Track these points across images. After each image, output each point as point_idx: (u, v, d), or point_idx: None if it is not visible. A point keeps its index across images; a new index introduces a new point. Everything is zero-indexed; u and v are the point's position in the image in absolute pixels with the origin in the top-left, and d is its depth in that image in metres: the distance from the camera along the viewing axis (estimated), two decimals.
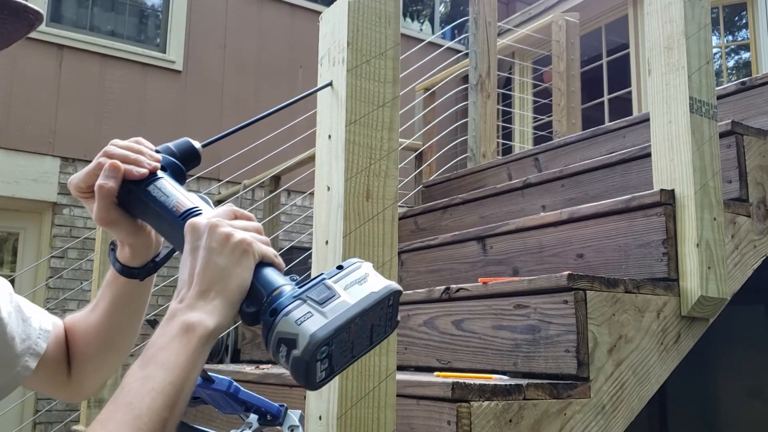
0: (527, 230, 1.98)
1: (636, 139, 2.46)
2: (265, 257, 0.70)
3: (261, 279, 0.68)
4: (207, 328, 0.64)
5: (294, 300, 0.64)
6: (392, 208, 1.19)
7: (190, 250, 0.69)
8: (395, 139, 1.22)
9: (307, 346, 0.60)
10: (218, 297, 0.66)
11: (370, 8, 1.21)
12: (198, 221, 0.70)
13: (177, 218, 0.74)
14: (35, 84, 5.14)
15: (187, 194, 0.78)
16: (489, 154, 3.56)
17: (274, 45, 6.16)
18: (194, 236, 0.69)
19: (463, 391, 1.24)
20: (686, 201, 1.58)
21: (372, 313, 0.65)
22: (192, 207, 0.75)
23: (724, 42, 5.83)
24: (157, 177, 0.79)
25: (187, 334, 0.64)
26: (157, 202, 0.77)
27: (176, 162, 0.84)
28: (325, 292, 0.64)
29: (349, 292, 0.65)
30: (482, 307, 1.61)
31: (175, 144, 0.86)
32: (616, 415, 1.44)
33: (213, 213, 0.73)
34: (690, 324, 1.61)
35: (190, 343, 0.63)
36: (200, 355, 0.64)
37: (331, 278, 0.66)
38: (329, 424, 1.10)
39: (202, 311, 0.65)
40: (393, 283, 0.67)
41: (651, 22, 1.72)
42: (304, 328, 0.61)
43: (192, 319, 0.64)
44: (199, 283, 0.66)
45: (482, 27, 3.68)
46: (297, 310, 0.63)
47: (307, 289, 0.65)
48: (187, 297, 0.66)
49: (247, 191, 5.01)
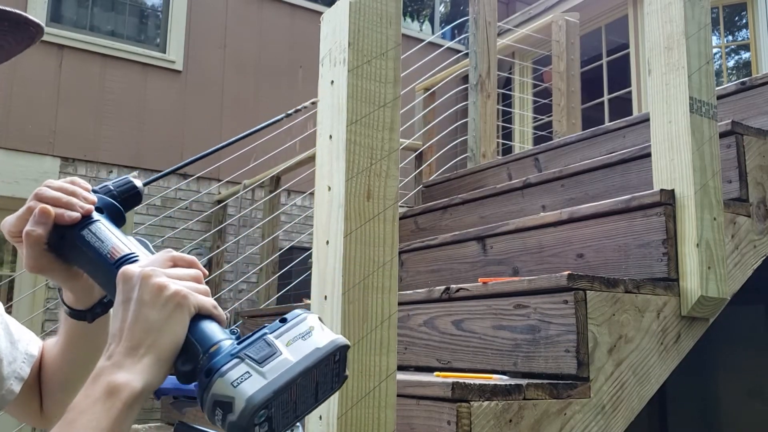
0: (527, 230, 1.98)
1: (636, 139, 2.46)
2: (203, 309, 0.65)
3: (197, 334, 0.63)
4: (134, 390, 0.60)
5: (231, 358, 0.59)
6: (393, 208, 1.19)
7: (121, 301, 0.65)
8: (396, 139, 1.22)
9: (244, 411, 0.57)
10: (148, 354, 0.61)
11: (371, 9, 1.21)
12: (130, 270, 0.65)
13: (111, 265, 0.70)
14: (35, 84, 5.14)
15: (123, 239, 0.74)
16: (489, 154, 3.56)
17: (274, 45, 6.16)
18: (126, 287, 0.65)
19: (463, 391, 1.24)
20: (686, 201, 1.58)
21: (316, 370, 0.61)
22: (127, 253, 0.71)
23: (724, 42, 5.84)
24: (92, 220, 0.75)
25: (111, 398, 0.59)
26: (91, 248, 0.72)
27: (115, 203, 0.79)
28: (266, 349, 0.60)
29: (291, 348, 0.60)
30: (482, 307, 1.61)
31: (114, 183, 0.81)
32: (616, 415, 1.44)
33: (148, 260, 0.68)
34: (690, 324, 1.61)
35: (114, 407, 0.58)
36: (125, 420, 0.59)
37: (272, 333, 0.62)
38: (329, 424, 1.10)
39: (129, 371, 0.60)
40: (339, 338, 0.63)
41: (651, 22, 1.72)
42: (241, 390, 0.57)
43: (118, 380, 0.60)
44: (128, 338, 0.62)
45: (482, 27, 3.68)
46: (234, 370, 0.58)
47: (245, 346, 0.60)
48: (116, 353, 0.62)
49: (247, 191, 5.01)
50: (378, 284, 1.15)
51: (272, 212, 4.60)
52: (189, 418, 2.36)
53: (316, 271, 1.20)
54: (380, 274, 1.16)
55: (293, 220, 5.46)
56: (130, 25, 5.84)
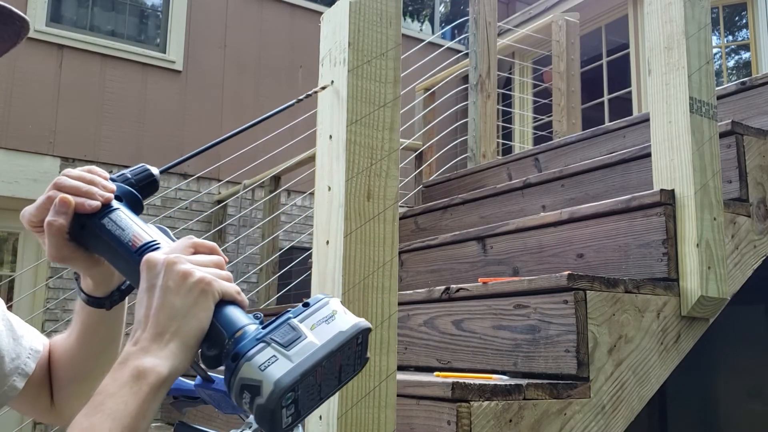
0: (527, 230, 1.98)
1: (636, 139, 2.46)
2: (227, 295, 0.66)
3: (222, 319, 0.64)
4: (160, 375, 0.61)
5: (257, 343, 0.60)
6: (393, 208, 1.19)
7: (146, 288, 0.65)
8: (396, 139, 1.22)
9: (272, 394, 0.57)
10: (174, 340, 0.62)
11: (371, 9, 1.21)
12: (155, 257, 0.66)
13: (133, 253, 0.71)
14: (35, 84, 5.14)
15: (144, 226, 0.74)
16: (489, 154, 3.56)
17: (274, 45, 6.16)
18: (150, 273, 0.66)
19: (463, 391, 1.24)
20: (686, 201, 1.58)
21: (340, 353, 0.62)
22: (149, 241, 0.71)
23: (724, 42, 5.84)
24: (112, 208, 0.75)
25: (138, 382, 0.60)
26: (112, 236, 0.73)
27: (133, 191, 0.80)
28: (291, 333, 0.61)
29: (315, 332, 0.61)
30: (482, 307, 1.61)
31: (131, 171, 0.82)
32: (616, 415, 1.44)
33: (171, 247, 0.69)
34: (690, 324, 1.61)
35: (141, 391, 0.60)
36: (152, 403, 0.60)
37: (296, 317, 0.63)
38: (329, 424, 1.10)
39: (156, 356, 0.61)
40: (362, 321, 0.64)
41: (651, 22, 1.72)
42: (269, 374, 0.58)
43: (145, 364, 0.61)
44: (154, 324, 0.63)
45: (482, 27, 3.68)
46: (260, 354, 0.59)
47: (271, 331, 0.61)
48: (142, 339, 0.63)
49: (247, 191, 5.01)
50: (378, 284, 1.15)
51: (272, 212, 4.60)
52: (189, 418, 2.36)
53: (316, 271, 1.20)
54: (380, 274, 1.16)
55: (293, 220, 5.46)
56: (130, 24, 5.84)
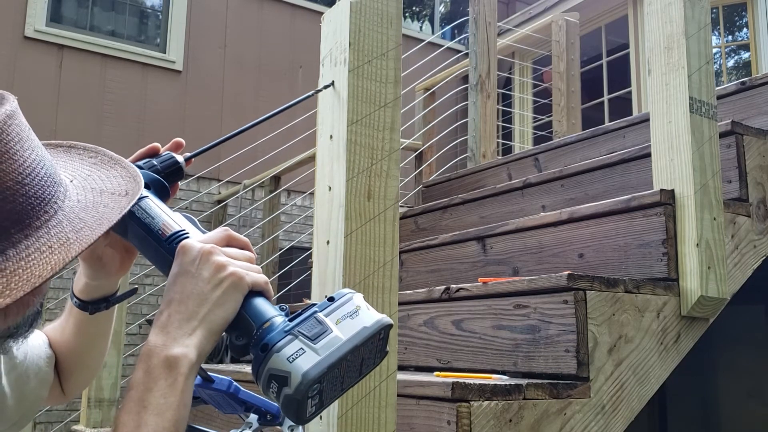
0: (527, 230, 1.98)
1: (636, 139, 2.46)
2: (256, 286, 0.68)
3: (251, 310, 0.67)
4: (191, 362, 0.63)
5: (285, 335, 0.62)
6: (393, 208, 1.19)
7: (178, 272, 0.67)
8: (397, 139, 1.22)
9: (300, 385, 0.60)
10: (201, 327, 0.65)
11: (371, 9, 1.21)
12: (192, 245, 0.68)
13: (162, 242, 0.72)
14: (35, 84, 5.14)
15: (172, 215, 0.75)
16: (489, 154, 3.56)
17: (274, 45, 6.16)
18: (186, 259, 0.68)
19: (463, 391, 1.24)
20: (686, 201, 1.58)
21: (363, 348, 0.64)
22: (179, 230, 0.73)
23: (724, 42, 5.84)
24: (142, 196, 0.76)
25: (172, 372, 0.62)
26: (142, 224, 0.74)
27: (159, 178, 0.81)
28: (317, 327, 0.63)
29: (340, 326, 0.64)
30: (482, 307, 1.61)
31: (158, 159, 0.83)
32: (616, 415, 1.44)
33: (207, 237, 0.71)
34: (690, 324, 1.61)
35: (177, 382, 0.62)
36: (188, 390, 0.63)
37: (322, 311, 0.65)
38: (330, 424, 1.10)
39: (183, 344, 0.64)
40: (384, 317, 0.66)
41: (651, 22, 1.72)
42: (297, 366, 0.60)
43: (175, 352, 0.63)
44: (182, 310, 0.65)
45: (482, 27, 3.68)
46: (289, 347, 0.62)
47: (298, 324, 0.63)
48: (169, 324, 0.65)
49: (247, 191, 5.01)
50: (378, 284, 1.15)
51: (272, 212, 4.60)
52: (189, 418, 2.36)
53: (316, 271, 1.20)
54: (380, 274, 1.16)
55: (293, 220, 5.46)
56: (130, 25, 5.84)
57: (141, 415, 0.60)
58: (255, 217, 5.23)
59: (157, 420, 0.60)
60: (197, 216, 5.31)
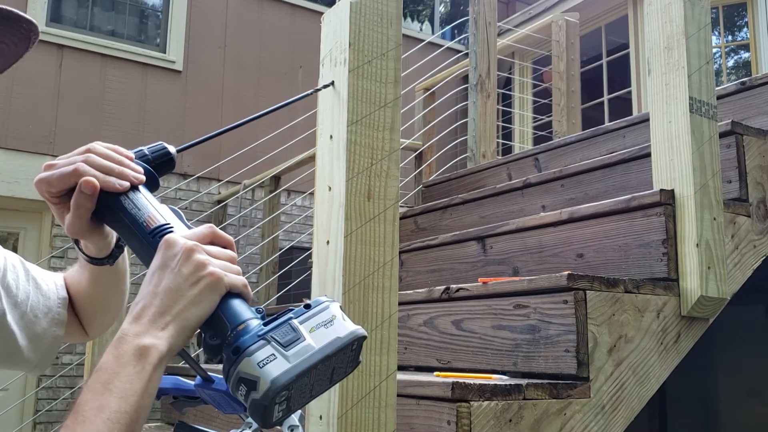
0: (527, 230, 1.98)
1: (636, 139, 2.46)
2: (234, 288, 0.68)
3: (227, 311, 0.67)
4: (161, 354, 0.64)
5: (258, 339, 0.63)
6: (393, 208, 1.19)
7: (159, 265, 0.68)
8: (396, 139, 1.22)
9: (268, 391, 0.60)
10: (174, 322, 0.65)
11: (371, 9, 1.21)
12: (176, 240, 0.69)
13: (146, 234, 0.72)
14: (35, 84, 5.14)
15: (159, 207, 0.75)
16: (489, 154, 3.56)
17: (274, 45, 6.16)
18: (168, 253, 0.68)
19: (463, 391, 1.24)
20: (686, 201, 1.58)
21: (335, 358, 0.64)
22: (163, 224, 0.73)
23: (724, 42, 5.84)
24: (133, 187, 0.76)
25: (141, 361, 0.63)
26: (128, 215, 0.74)
27: (150, 169, 0.81)
28: (290, 333, 0.63)
29: (314, 335, 0.64)
30: (482, 307, 1.61)
31: (149, 149, 0.83)
32: (615, 415, 1.44)
33: (192, 233, 0.71)
34: (690, 324, 1.61)
35: (144, 371, 0.63)
36: (154, 380, 0.64)
37: (297, 318, 0.65)
38: (330, 424, 1.10)
39: (156, 335, 0.64)
40: (359, 329, 0.66)
41: (651, 22, 1.72)
42: (266, 371, 0.60)
43: (146, 342, 0.64)
44: (158, 304, 0.66)
45: (482, 27, 3.68)
46: (260, 352, 0.62)
47: (272, 329, 0.63)
48: (143, 316, 0.66)
49: (247, 191, 5.01)
50: (378, 284, 1.15)
51: (272, 212, 4.60)
52: (189, 418, 2.36)
53: (316, 271, 1.20)
54: (380, 274, 1.16)
55: (293, 220, 5.46)
56: (130, 24, 5.84)
57: (105, 397, 0.61)
58: (255, 217, 5.23)
59: (120, 403, 0.61)
60: (197, 216, 5.31)
